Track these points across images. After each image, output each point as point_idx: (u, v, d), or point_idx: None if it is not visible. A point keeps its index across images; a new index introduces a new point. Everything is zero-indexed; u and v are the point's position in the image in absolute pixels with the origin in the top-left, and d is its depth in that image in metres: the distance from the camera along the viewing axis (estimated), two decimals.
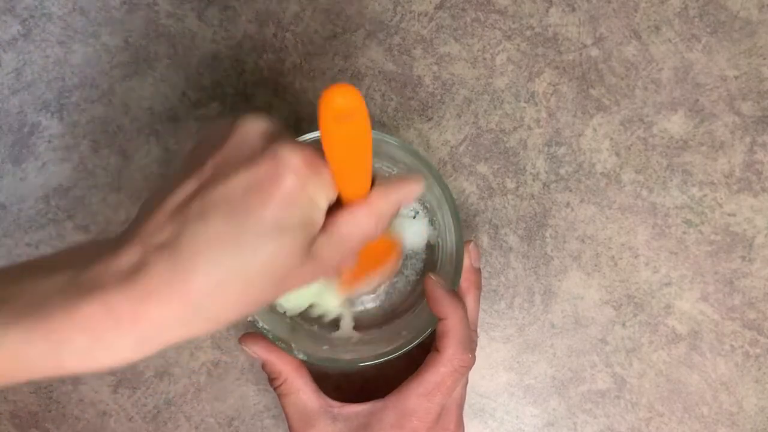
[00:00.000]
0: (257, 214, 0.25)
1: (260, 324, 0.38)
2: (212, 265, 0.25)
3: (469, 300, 0.39)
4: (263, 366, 0.39)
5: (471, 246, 0.39)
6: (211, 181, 0.26)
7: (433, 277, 0.38)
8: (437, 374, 0.36)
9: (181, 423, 0.44)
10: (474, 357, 0.37)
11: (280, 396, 0.39)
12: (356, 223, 0.28)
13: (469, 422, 0.44)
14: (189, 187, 0.26)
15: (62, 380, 0.44)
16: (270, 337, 0.38)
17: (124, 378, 0.44)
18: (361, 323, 0.43)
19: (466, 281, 0.39)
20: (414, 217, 0.44)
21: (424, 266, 0.43)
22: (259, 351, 0.38)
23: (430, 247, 0.43)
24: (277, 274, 0.26)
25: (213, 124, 0.29)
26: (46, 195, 0.44)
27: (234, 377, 0.44)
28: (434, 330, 0.38)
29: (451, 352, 0.36)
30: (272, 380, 0.39)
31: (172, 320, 0.25)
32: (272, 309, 0.41)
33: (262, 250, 0.25)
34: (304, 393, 0.38)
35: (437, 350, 0.36)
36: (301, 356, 0.38)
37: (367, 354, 0.39)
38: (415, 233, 0.44)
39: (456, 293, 0.38)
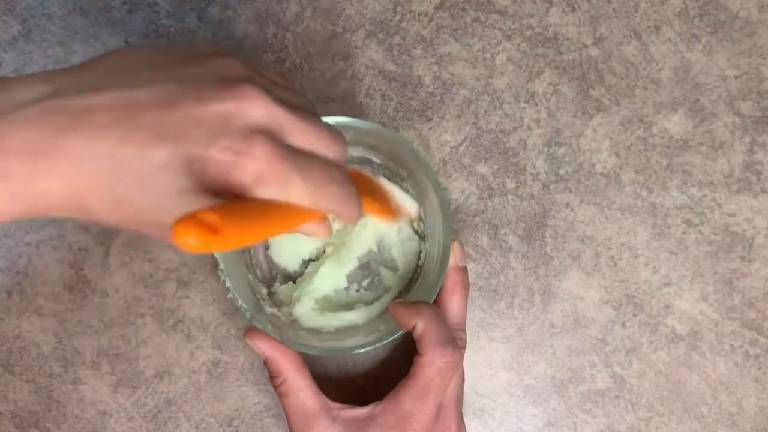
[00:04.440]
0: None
1: (239, 302, 0.38)
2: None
3: (455, 299, 0.40)
4: (265, 362, 0.39)
5: (455, 245, 0.40)
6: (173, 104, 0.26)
7: (391, 303, 0.39)
8: (424, 376, 0.36)
9: (181, 423, 0.44)
10: (456, 351, 0.36)
11: (280, 395, 0.38)
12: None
13: (469, 422, 0.44)
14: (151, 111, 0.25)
15: (62, 380, 0.44)
16: (247, 316, 0.38)
17: (124, 378, 0.44)
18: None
19: (451, 281, 0.40)
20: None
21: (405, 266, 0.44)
22: (262, 347, 0.38)
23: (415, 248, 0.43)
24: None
25: (236, 61, 0.29)
26: None
27: (234, 377, 0.44)
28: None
29: (430, 353, 0.36)
30: (273, 378, 0.39)
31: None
32: (252, 291, 0.41)
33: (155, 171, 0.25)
34: (304, 393, 0.38)
35: (419, 354, 0.37)
36: (277, 337, 0.38)
37: (343, 345, 0.39)
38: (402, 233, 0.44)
39: (416, 302, 0.38)
